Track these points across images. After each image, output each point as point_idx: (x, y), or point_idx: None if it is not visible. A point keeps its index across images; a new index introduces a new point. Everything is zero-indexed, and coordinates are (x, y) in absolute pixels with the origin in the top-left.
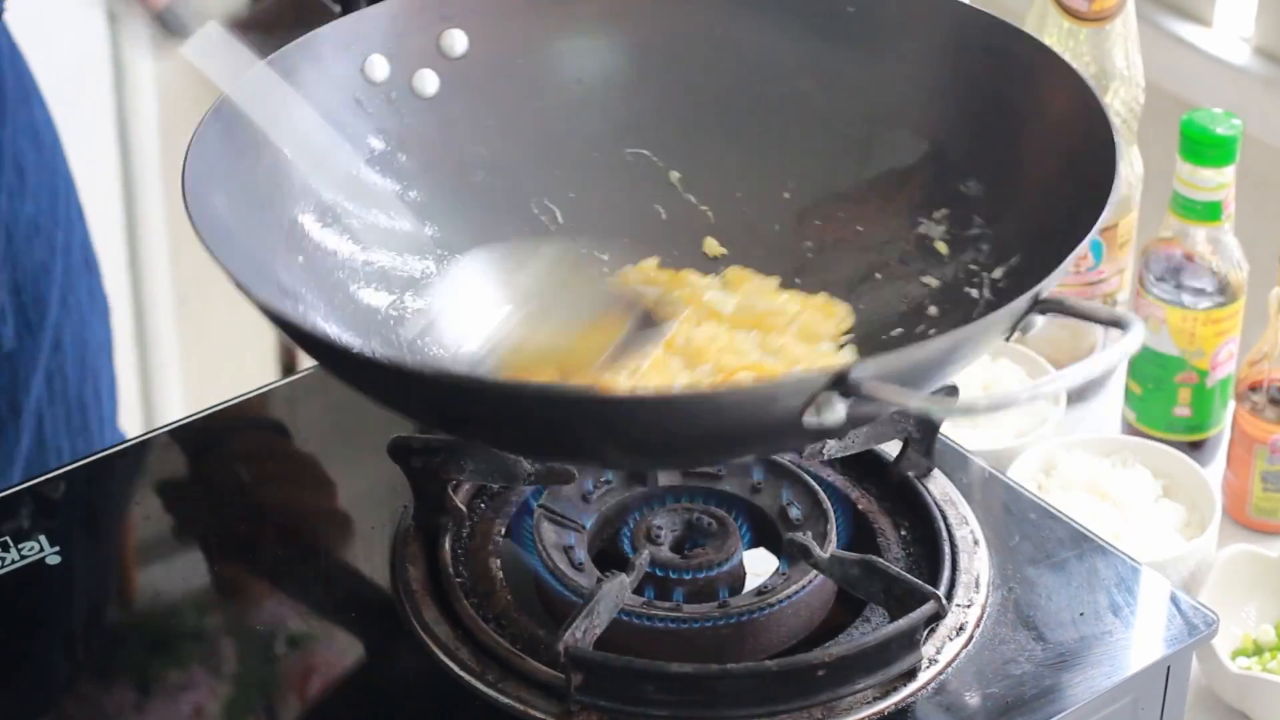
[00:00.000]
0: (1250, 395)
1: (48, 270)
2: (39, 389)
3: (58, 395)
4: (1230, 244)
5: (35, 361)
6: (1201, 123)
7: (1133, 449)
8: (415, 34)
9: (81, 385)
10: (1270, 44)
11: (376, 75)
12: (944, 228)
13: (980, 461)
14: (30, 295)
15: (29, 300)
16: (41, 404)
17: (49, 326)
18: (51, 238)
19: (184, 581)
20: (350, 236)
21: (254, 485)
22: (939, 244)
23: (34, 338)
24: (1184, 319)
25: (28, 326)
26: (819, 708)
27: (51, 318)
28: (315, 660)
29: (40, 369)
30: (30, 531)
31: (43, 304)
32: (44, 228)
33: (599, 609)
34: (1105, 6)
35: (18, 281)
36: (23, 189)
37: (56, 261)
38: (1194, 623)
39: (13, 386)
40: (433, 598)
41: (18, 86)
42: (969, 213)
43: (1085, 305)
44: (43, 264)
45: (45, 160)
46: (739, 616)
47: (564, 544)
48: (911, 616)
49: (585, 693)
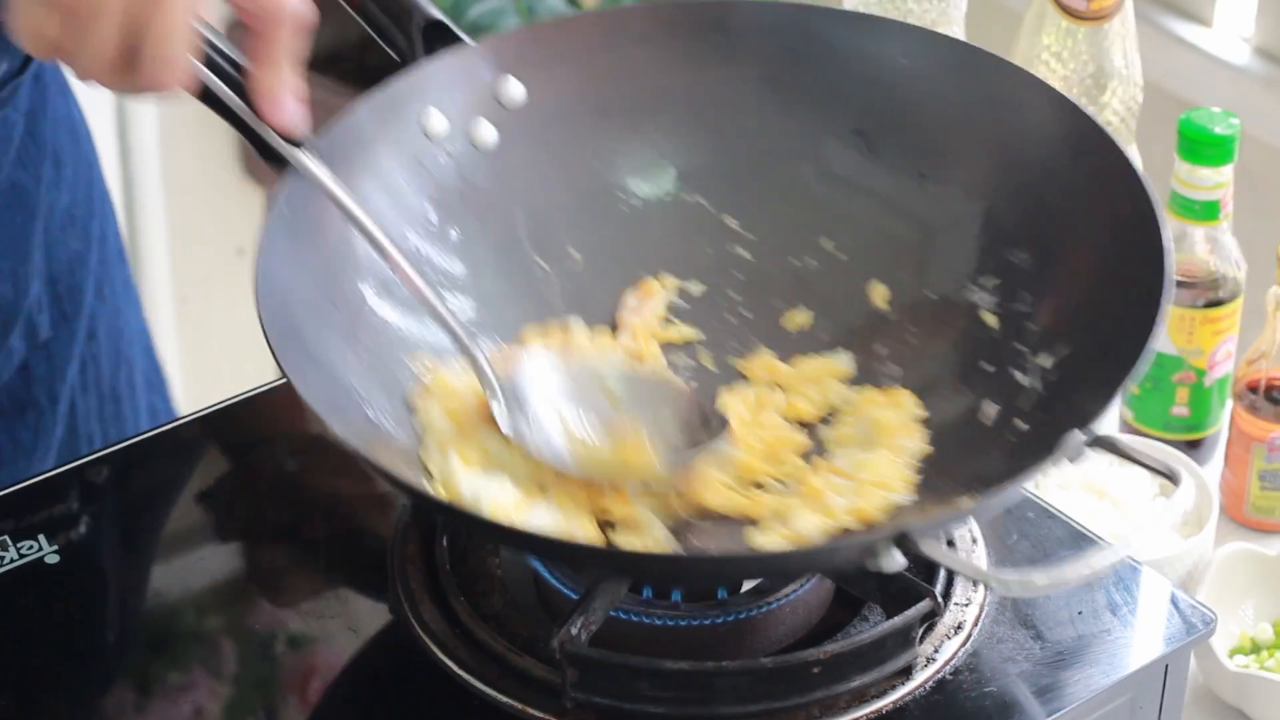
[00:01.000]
0: (1248, 394)
1: (83, 260)
2: (73, 377)
3: (90, 384)
4: (1228, 243)
5: (70, 350)
6: (1200, 122)
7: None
8: (472, 86)
9: (115, 375)
10: (1270, 44)
11: (435, 130)
12: (993, 298)
13: None
14: (66, 285)
15: (64, 290)
16: (75, 392)
17: (84, 316)
18: (87, 228)
19: (183, 581)
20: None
21: (254, 485)
22: (987, 315)
23: (69, 327)
24: (1182, 318)
25: (63, 316)
26: (815, 705)
27: (87, 307)
28: (314, 660)
29: (75, 358)
30: (29, 530)
31: (78, 294)
32: (79, 218)
33: (595, 606)
34: (1104, 5)
35: (54, 272)
36: (59, 180)
37: (92, 251)
38: (1192, 621)
39: (50, 375)
40: (431, 596)
41: (56, 77)
42: (1016, 286)
43: (1138, 451)
44: (78, 254)
45: (82, 151)
46: (737, 614)
47: None
48: (906, 614)
49: (580, 690)
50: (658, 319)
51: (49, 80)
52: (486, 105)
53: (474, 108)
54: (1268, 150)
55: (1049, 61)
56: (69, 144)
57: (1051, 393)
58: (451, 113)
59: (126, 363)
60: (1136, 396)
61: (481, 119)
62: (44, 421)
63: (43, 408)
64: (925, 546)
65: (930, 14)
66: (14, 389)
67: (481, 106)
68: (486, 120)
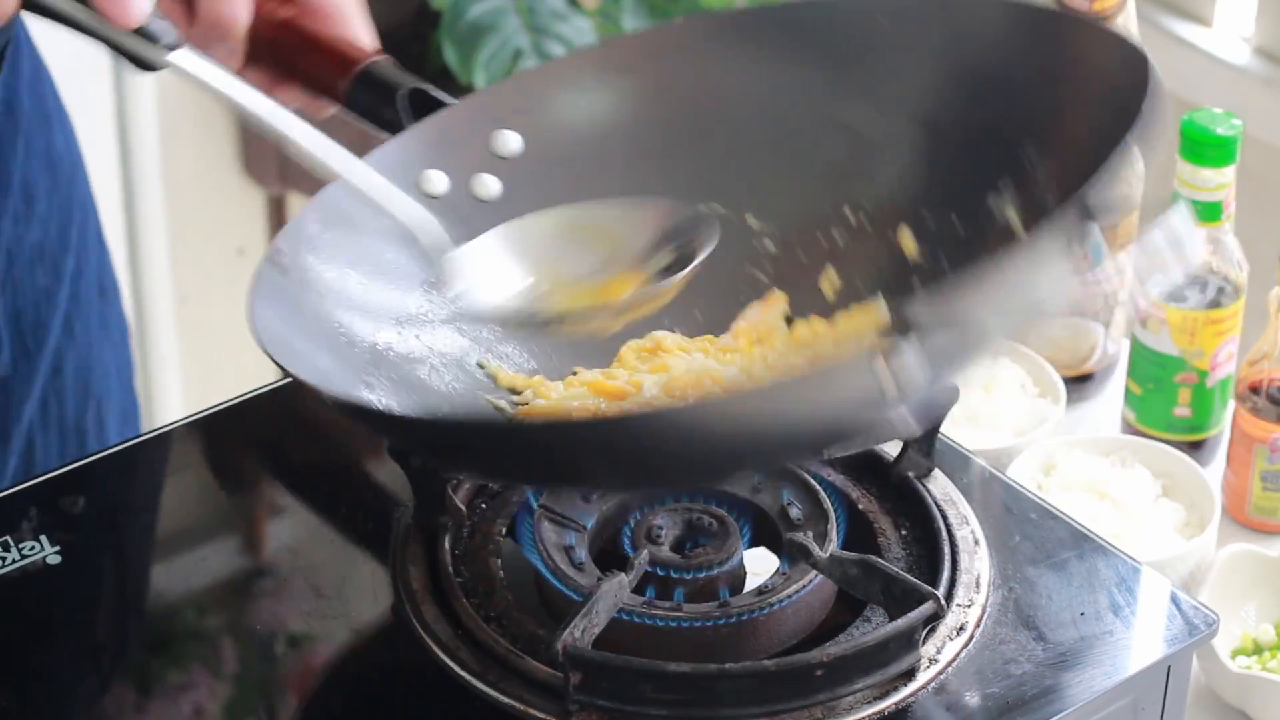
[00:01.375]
0: (1250, 395)
1: (50, 297)
2: (32, 413)
3: (52, 420)
4: (1230, 244)
5: (30, 387)
6: (1202, 123)
7: (1132, 449)
8: (467, 143)
9: (81, 411)
10: (1270, 44)
11: (436, 189)
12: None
13: (980, 461)
14: (29, 320)
15: (28, 325)
16: (34, 428)
17: (47, 352)
18: (58, 264)
19: (184, 581)
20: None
21: (254, 485)
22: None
23: (29, 363)
24: (1184, 319)
25: (24, 352)
26: (818, 707)
27: (51, 344)
28: (315, 660)
29: (35, 394)
30: (30, 531)
31: (43, 330)
32: (50, 253)
33: (597, 608)
34: (1105, 6)
35: (18, 307)
36: (29, 215)
37: (62, 288)
38: (1194, 622)
39: (4, 410)
40: (433, 597)
41: (36, 111)
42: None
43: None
44: (45, 290)
45: (60, 186)
46: (739, 616)
47: (564, 544)
48: (910, 616)
49: (583, 692)
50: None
51: (25, 113)
52: (484, 159)
53: (472, 164)
54: (1269, 151)
55: None
56: (45, 179)
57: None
58: (451, 171)
59: (96, 399)
60: (1139, 397)
61: (482, 173)
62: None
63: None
64: (930, 317)
65: None
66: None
67: (480, 161)
68: (486, 174)
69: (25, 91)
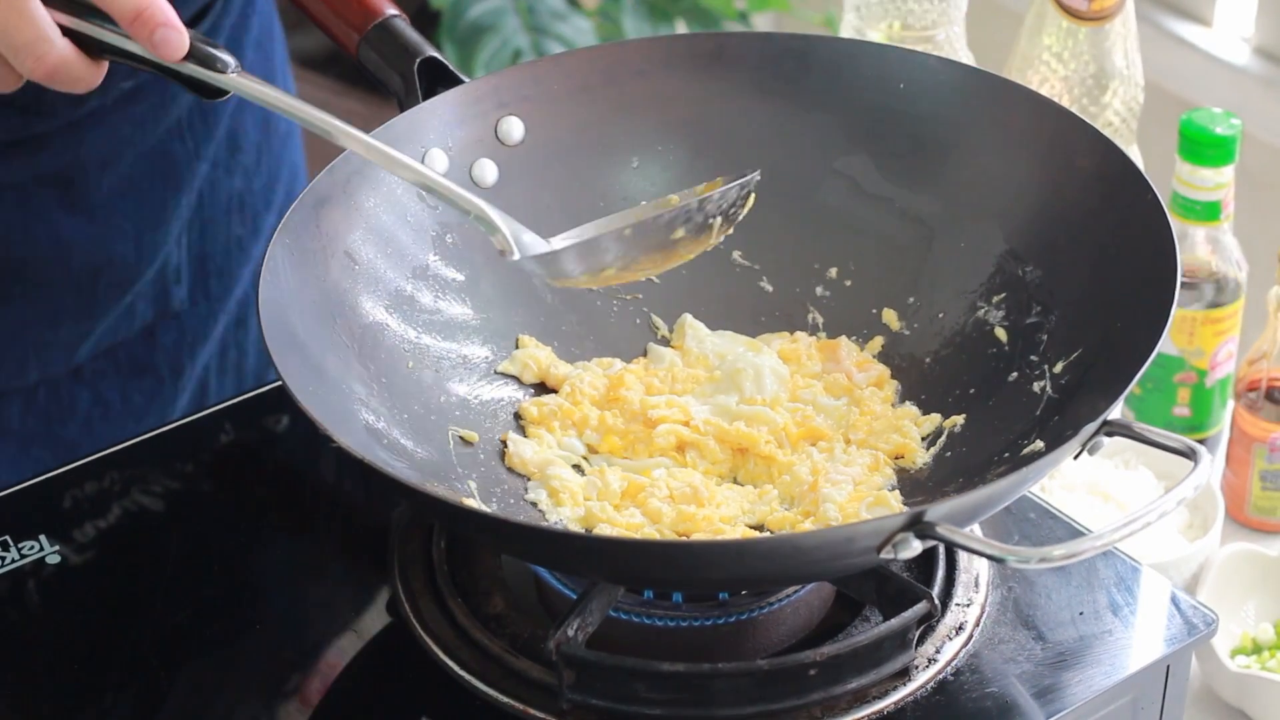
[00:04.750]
0: (1249, 394)
1: (243, 247)
2: (209, 356)
3: (230, 367)
4: (1229, 244)
5: (209, 329)
6: (1201, 122)
7: (1134, 450)
8: (472, 124)
9: (263, 368)
10: (1270, 44)
11: (436, 168)
12: (1002, 313)
13: None
14: (216, 265)
15: (213, 269)
16: (209, 371)
17: (232, 302)
18: (258, 218)
19: (184, 581)
20: (415, 327)
21: (254, 485)
22: (998, 330)
23: (210, 306)
24: (1183, 319)
25: (205, 294)
26: (815, 707)
27: (237, 294)
28: (314, 660)
29: (215, 337)
30: (30, 530)
31: (229, 278)
32: (250, 206)
33: (591, 608)
34: (1105, 6)
35: (205, 250)
36: (232, 163)
37: (258, 243)
38: (1193, 622)
39: (177, 347)
40: (431, 597)
41: (260, 65)
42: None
43: (1154, 434)
44: (238, 240)
45: (272, 143)
46: (737, 616)
47: None
48: (903, 616)
49: (577, 691)
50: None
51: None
52: (486, 143)
53: (474, 147)
54: (1268, 150)
55: (1050, 62)
56: (255, 132)
57: (1063, 395)
58: (453, 152)
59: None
60: (1138, 397)
61: (482, 158)
62: (163, 390)
63: (163, 376)
64: (942, 531)
65: (931, 14)
66: (135, 351)
67: (481, 145)
68: (486, 158)
69: (250, 45)
